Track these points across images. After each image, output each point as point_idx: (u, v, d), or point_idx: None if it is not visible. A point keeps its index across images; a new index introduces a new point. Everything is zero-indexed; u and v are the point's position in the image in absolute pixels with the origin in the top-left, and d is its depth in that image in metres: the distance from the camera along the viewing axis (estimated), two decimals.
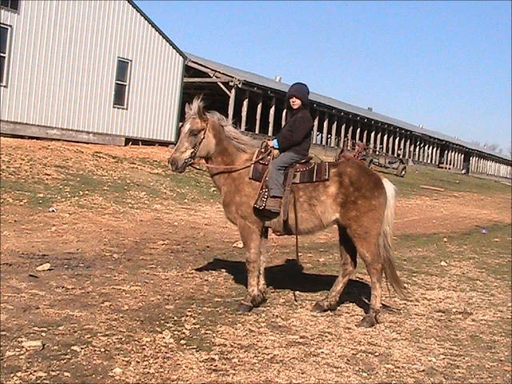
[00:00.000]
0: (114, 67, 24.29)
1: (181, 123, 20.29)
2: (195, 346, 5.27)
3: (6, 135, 19.86)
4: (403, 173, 39.93)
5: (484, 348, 6.01)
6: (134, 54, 25.11)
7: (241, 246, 10.06)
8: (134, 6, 24.81)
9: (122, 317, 5.93)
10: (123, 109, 24.86)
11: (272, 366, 4.98)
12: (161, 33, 26.28)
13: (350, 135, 49.62)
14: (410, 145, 62.16)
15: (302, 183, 6.63)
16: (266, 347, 5.43)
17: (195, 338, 5.50)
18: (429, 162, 65.79)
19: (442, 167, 67.42)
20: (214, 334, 5.66)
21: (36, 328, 5.32)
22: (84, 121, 23.17)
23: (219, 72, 36.73)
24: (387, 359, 5.41)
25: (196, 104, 6.65)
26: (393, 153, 56.65)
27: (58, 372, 4.43)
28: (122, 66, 24.69)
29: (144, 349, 5.10)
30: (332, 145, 49.48)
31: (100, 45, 23.60)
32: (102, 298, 6.51)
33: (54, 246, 9.21)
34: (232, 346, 5.39)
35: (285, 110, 33.53)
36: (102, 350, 4.97)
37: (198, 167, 7.20)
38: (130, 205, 14.53)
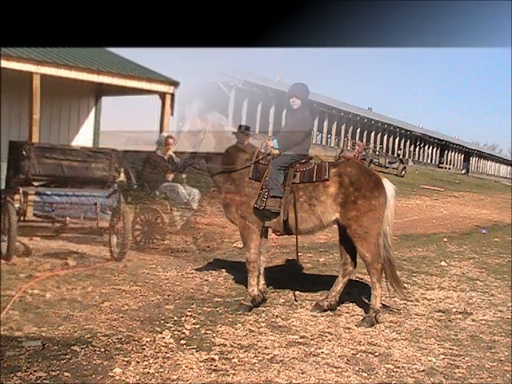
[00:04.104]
0: None
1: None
2: (195, 346, 5.27)
3: None
4: (403, 173, 39.87)
5: (484, 348, 6.01)
6: None
7: (241, 246, 10.06)
8: None
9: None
10: None
11: (272, 366, 4.98)
12: None
13: (349, 135, 49.58)
14: (410, 145, 62.11)
15: (301, 183, 6.63)
16: (266, 347, 5.43)
17: (195, 338, 5.50)
18: (429, 161, 65.74)
19: (442, 167, 67.34)
20: (214, 334, 5.66)
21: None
22: None
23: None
24: (387, 359, 5.41)
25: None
26: (393, 153, 56.60)
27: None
28: None
29: (144, 349, 5.10)
30: (332, 145, 49.45)
31: None
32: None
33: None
34: (232, 346, 5.39)
35: (285, 110, 33.51)
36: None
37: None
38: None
